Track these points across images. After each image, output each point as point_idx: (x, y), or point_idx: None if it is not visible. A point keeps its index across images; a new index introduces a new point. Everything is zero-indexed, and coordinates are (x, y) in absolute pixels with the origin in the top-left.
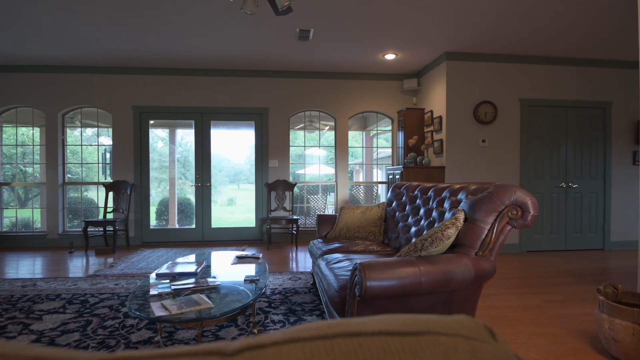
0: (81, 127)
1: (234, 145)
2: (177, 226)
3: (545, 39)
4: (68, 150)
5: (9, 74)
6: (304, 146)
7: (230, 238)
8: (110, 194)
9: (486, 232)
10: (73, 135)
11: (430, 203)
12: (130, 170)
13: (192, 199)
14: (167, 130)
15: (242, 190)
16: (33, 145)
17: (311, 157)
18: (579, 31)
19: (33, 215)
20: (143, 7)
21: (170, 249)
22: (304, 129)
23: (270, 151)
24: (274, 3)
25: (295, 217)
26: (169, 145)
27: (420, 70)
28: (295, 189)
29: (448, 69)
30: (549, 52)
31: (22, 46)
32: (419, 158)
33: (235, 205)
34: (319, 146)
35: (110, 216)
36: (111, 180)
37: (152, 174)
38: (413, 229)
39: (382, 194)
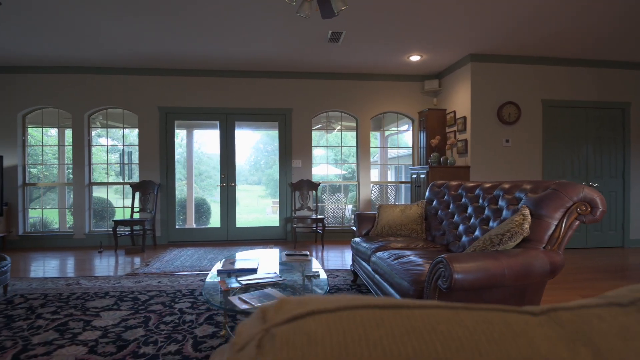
0: (107, 127)
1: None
2: (194, 226)
3: (565, 41)
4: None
5: (35, 75)
6: (324, 146)
7: (254, 237)
8: (137, 194)
9: (553, 227)
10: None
11: (480, 201)
12: (156, 170)
13: (207, 198)
14: (185, 131)
15: (242, 191)
16: (59, 145)
17: (320, 157)
18: (598, 33)
19: (43, 214)
20: (174, 8)
21: (198, 248)
22: (319, 130)
23: (293, 151)
24: (328, 7)
25: (320, 216)
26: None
27: (442, 72)
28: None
29: (472, 70)
30: (569, 54)
31: (50, 47)
32: (442, 158)
33: (239, 205)
34: (327, 146)
35: (136, 216)
36: (137, 181)
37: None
38: (461, 227)
39: (402, 193)
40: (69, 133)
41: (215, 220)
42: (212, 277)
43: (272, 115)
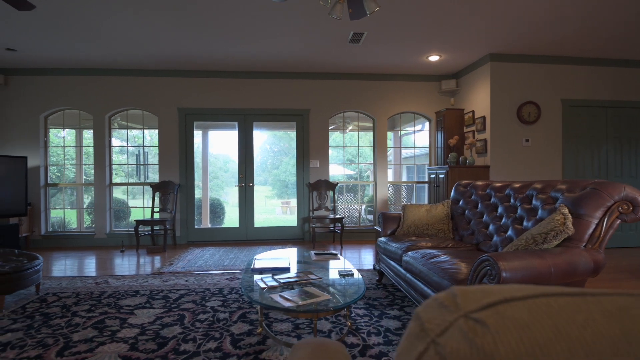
0: (127, 129)
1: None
2: (209, 226)
3: (585, 40)
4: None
5: (57, 76)
6: (340, 147)
7: (271, 237)
8: (157, 194)
9: (594, 226)
10: (88, 136)
11: (512, 201)
12: (176, 171)
13: (221, 199)
14: (200, 132)
15: (247, 192)
16: (78, 146)
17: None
18: (618, 32)
19: (65, 214)
20: (198, 9)
21: (218, 247)
22: (333, 130)
23: (311, 152)
24: (360, 8)
25: (339, 216)
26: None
27: (459, 72)
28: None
29: (492, 69)
30: (589, 54)
31: (72, 49)
32: (461, 158)
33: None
34: (343, 147)
35: (156, 216)
36: (155, 181)
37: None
38: (491, 227)
39: (414, 193)
40: (87, 134)
41: (228, 220)
42: (247, 275)
43: (290, 116)
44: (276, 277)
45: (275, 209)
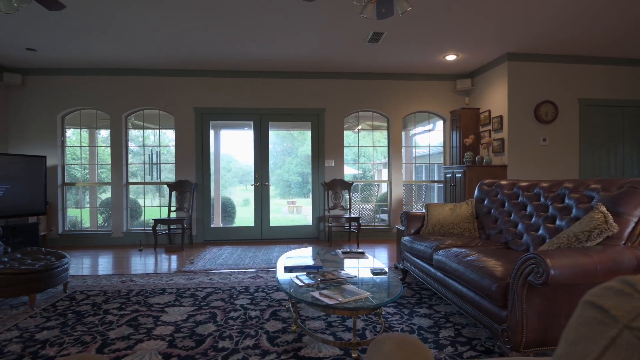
0: (145, 128)
1: (239, 146)
2: (221, 225)
3: (601, 39)
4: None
5: (74, 76)
6: (355, 146)
7: (287, 236)
8: (174, 193)
9: (633, 224)
10: (103, 136)
11: (542, 200)
12: (192, 170)
13: (233, 198)
14: (212, 132)
15: (250, 192)
16: (94, 146)
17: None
18: (635, 32)
19: (81, 213)
20: (222, 9)
21: (235, 246)
22: (347, 129)
23: (326, 151)
24: (390, 8)
25: (355, 215)
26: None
27: (474, 71)
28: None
29: (509, 69)
30: (605, 53)
31: (91, 49)
32: (477, 157)
33: (249, 205)
34: (358, 146)
35: (173, 215)
36: (173, 180)
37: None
38: (520, 226)
39: (423, 191)
40: (102, 134)
41: (239, 219)
42: (280, 274)
43: (306, 115)
44: (311, 275)
45: (281, 208)
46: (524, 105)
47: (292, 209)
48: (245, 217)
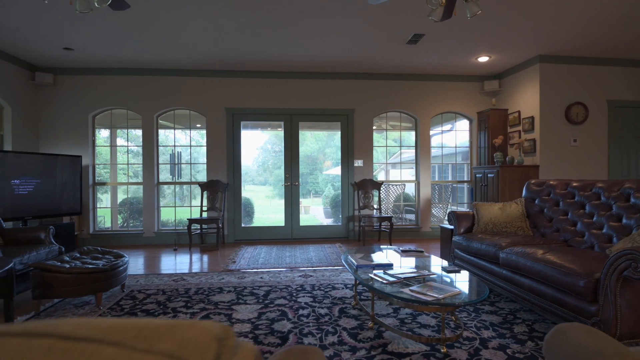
0: (174, 129)
1: (257, 145)
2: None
3: (628, 42)
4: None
5: (106, 76)
6: (386, 147)
7: (317, 236)
8: (205, 193)
9: None
10: (134, 135)
11: (603, 199)
12: (223, 170)
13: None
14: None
15: (249, 192)
16: (126, 146)
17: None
18: None
19: (111, 213)
20: (264, 9)
21: (269, 246)
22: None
23: (355, 151)
24: (449, 11)
25: (388, 215)
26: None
27: (502, 72)
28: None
29: (541, 70)
30: (632, 55)
31: (128, 50)
32: (508, 158)
33: (254, 206)
34: (386, 146)
35: (204, 215)
36: (205, 180)
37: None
38: (580, 225)
39: (442, 191)
40: (132, 134)
41: (257, 219)
42: (353, 271)
43: (335, 116)
44: (391, 272)
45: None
46: (555, 107)
47: (300, 209)
48: (263, 217)
